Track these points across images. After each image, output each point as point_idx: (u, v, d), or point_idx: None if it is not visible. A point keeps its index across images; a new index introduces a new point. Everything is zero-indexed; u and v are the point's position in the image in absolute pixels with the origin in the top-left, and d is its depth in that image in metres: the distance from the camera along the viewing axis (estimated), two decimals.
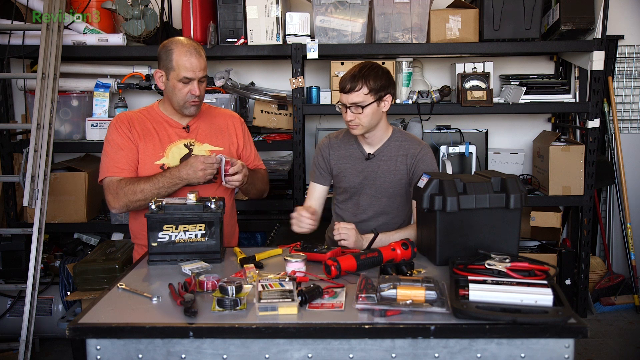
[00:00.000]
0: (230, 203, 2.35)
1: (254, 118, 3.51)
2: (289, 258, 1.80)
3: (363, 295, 1.54)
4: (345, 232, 2.06)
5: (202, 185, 2.18)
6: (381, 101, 2.16)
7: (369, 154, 2.28)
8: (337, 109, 2.22)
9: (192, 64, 2.12)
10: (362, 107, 2.13)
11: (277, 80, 3.78)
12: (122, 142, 2.19)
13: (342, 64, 3.41)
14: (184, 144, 2.25)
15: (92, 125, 3.41)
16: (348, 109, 2.15)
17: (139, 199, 2.11)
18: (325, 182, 2.37)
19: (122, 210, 2.15)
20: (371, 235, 2.04)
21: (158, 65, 2.20)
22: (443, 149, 3.49)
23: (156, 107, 2.30)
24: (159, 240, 1.94)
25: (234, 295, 1.54)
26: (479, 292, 1.50)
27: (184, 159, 2.22)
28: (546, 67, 3.90)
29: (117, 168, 2.17)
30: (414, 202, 2.21)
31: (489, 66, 3.48)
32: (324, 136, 2.44)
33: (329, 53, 3.33)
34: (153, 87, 3.51)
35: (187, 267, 1.85)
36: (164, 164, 2.20)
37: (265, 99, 3.56)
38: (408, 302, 1.51)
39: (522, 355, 1.45)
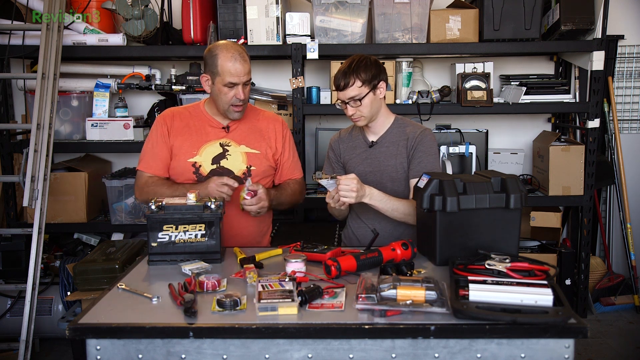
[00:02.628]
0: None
1: None
2: (289, 258, 1.80)
3: (363, 295, 1.54)
4: (346, 191, 2.06)
5: None
6: (376, 89, 2.22)
7: (372, 141, 2.34)
8: (338, 107, 2.29)
9: (237, 69, 2.15)
10: (360, 100, 2.19)
11: (277, 80, 3.78)
12: (157, 139, 2.29)
13: (342, 64, 3.39)
14: (220, 144, 2.28)
15: (92, 125, 3.41)
16: (347, 105, 2.22)
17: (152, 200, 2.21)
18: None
19: (143, 203, 2.32)
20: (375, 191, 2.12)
21: (204, 70, 2.24)
22: (443, 149, 3.49)
23: (202, 106, 2.34)
24: (159, 240, 1.94)
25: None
26: (479, 292, 1.50)
27: (216, 158, 2.26)
28: (546, 67, 3.90)
29: (148, 164, 2.29)
30: (411, 182, 2.24)
31: (489, 66, 3.48)
32: (335, 134, 2.50)
33: (329, 53, 3.33)
34: (153, 87, 3.51)
35: (187, 267, 1.85)
36: (196, 162, 2.25)
37: (265, 99, 3.56)
38: (408, 302, 1.51)
39: (522, 355, 1.45)
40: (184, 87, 3.43)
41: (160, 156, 2.28)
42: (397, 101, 3.49)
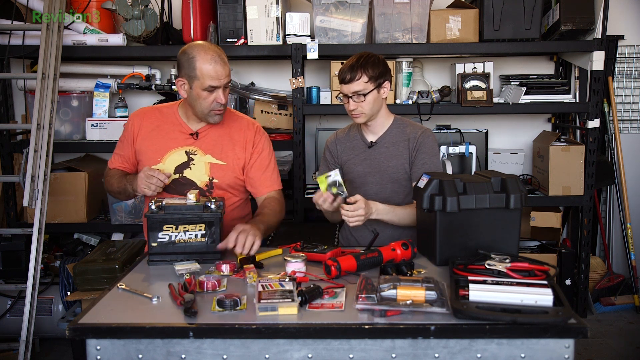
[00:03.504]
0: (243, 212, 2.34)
1: (254, 118, 3.51)
2: (289, 258, 1.80)
3: (363, 295, 1.54)
4: (354, 217, 2.05)
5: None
6: (380, 88, 2.22)
7: (371, 142, 2.33)
8: (339, 100, 2.27)
9: (218, 72, 2.04)
10: (364, 95, 2.18)
11: (277, 80, 3.78)
12: (123, 139, 2.29)
13: (342, 64, 3.37)
14: (185, 151, 2.20)
15: (92, 125, 3.41)
16: (350, 99, 2.21)
17: (110, 190, 2.32)
18: None
19: (108, 193, 2.42)
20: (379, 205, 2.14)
21: (178, 73, 2.12)
22: (443, 149, 3.49)
23: (175, 108, 2.25)
24: (159, 240, 1.94)
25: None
26: (479, 292, 1.50)
27: (180, 167, 2.18)
28: (546, 67, 3.90)
29: (112, 159, 2.33)
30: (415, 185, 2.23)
31: (489, 66, 3.48)
32: (331, 134, 2.48)
33: (329, 53, 3.33)
34: (153, 87, 3.51)
35: (177, 267, 1.85)
36: (158, 170, 2.15)
37: (265, 99, 3.56)
38: (408, 302, 1.51)
39: (522, 355, 1.45)
40: None
41: (124, 154, 2.28)
42: (397, 101, 3.49)
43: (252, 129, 2.27)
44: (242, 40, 3.31)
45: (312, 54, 3.27)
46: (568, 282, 3.59)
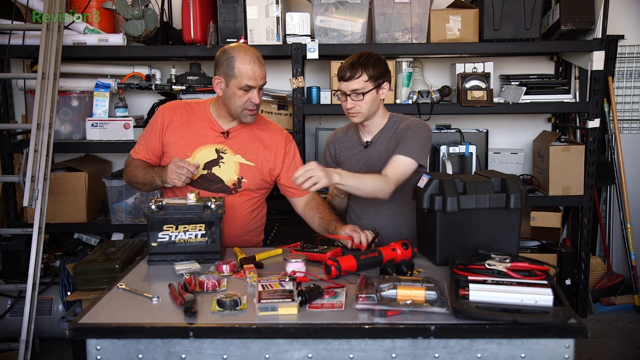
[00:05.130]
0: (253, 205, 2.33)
1: None
2: (289, 258, 1.80)
3: (363, 295, 1.54)
4: (312, 176, 1.96)
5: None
6: (380, 88, 2.21)
7: (367, 142, 2.32)
8: (337, 97, 2.26)
9: (255, 72, 2.11)
10: (363, 94, 2.17)
11: (277, 80, 3.78)
12: (152, 130, 2.28)
13: (342, 63, 3.40)
14: (216, 149, 2.24)
15: (92, 125, 3.41)
16: (348, 97, 2.19)
17: (133, 181, 2.28)
18: None
19: (127, 184, 2.35)
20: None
21: (215, 72, 2.17)
22: (443, 149, 3.49)
23: (207, 105, 2.29)
24: (159, 240, 1.94)
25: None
26: (479, 292, 1.50)
27: (209, 164, 2.22)
28: (546, 67, 3.90)
29: (136, 149, 2.32)
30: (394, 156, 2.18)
31: (489, 66, 3.48)
32: (331, 133, 2.47)
33: (329, 53, 3.33)
34: (153, 87, 3.51)
35: (177, 267, 1.86)
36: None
37: (265, 99, 3.56)
38: (408, 302, 1.51)
39: (522, 355, 1.45)
40: (184, 87, 3.43)
41: (149, 145, 2.27)
42: (397, 101, 3.49)
43: (282, 135, 2.34)
44: (242, 40, 3.30)
45: (312, 54, 3.27)
46: (568, 282, 3.59)
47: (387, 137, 2.30)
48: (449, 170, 3.37)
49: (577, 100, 3.71)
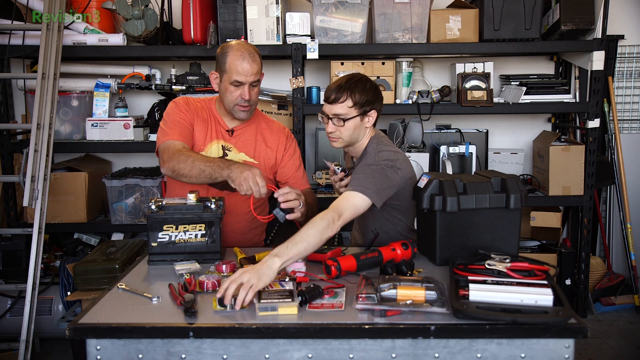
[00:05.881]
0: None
1: None
2: None
3: (363, 295, 1.54)
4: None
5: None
6: (365, 116, 2.06)
7: (349, 168, 2.24)
8: (319, 119, 2.15)
9: (244, 69, 2.12)
10: (344, 120, 2.03)
11: (277, 80, 3.78)
12: (180, 117, 2.19)
13: (342, 64, 3.41)
14: (222, 146, 2.26)
15: (92, 125, 3.41)
16: (330, 120, 2.06)
17: (183, 167, 2.03)
18: None
19: (167, 172, 2.08)
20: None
21: (215, 67, 2.23)
22: (443, 149, 3.49)
23: (213, 103, 2.32)
24: (159, 240, 1.94)
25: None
26: (479, 292, 1.50)
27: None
28: (546, 67, 3.90)
29: (172, 133, 2.15)
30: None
31: (489, 66, 3.48)
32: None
33: (329, 53, 3.33)
34: (153, 87, 3.51)
35: (177, 267, 1.86)
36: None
37: (265, 99, 3.56)
38: (408, 302, 1.51)
39: (522, 355, 1.45)
40: (184, 87, 3.43)
41: (184, 126, 2.17)
42: (397, 101, 3.49)
43: (284, 133, 2.36)
44: (242, 40, 3.30)
45: (312, 53, 3.27)
46: (568, 282, 3.59)
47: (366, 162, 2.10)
48: (449, 170, 3.38)
49: (577, 100, 3.71)
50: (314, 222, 1.78)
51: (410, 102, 3.45)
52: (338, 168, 2.11)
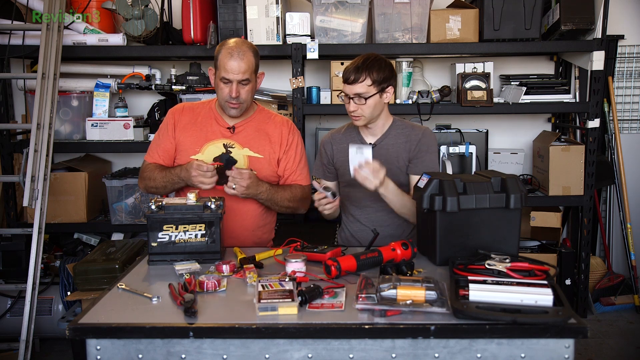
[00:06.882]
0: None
1: None
2: (289, 258, 1.80)
3: (363, 295, 1.54)
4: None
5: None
6: (383, 93, 2.19)
7: (371, 144, 2.29)
8: (340, 99, 2.25)
9: (232, 66, 2.14)
10: (365, 99, 2.15)
11: (277, 80, 3.78)
12: (164, 131, 2.32)
13: (342, 64, 3.41)
14: (223, 144, 2.27)
15: (92, 125, 3.41)
16: (351, 100, 2.18)
17: (151, 185, 2.28)
18: (331, 179, 2.40)
19: (144, 191, 2.36)
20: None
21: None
22: (443, 149, 3.49)
23: (213, 103, 2.35)
24: (159, 240, 1.94)
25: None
26: (479, 292, 1.50)
27: (217, 159, 2.25)
28: (546, 67, 3.90)
29: (150, 153, 2.34)
30: (412, 178, 2.26)
31: (489, 66, 3.48)
32: (325, 134, 2.45)
33: (329, 53, 3.33)
34: (153, 87, 3.51)
35: (177, 267, 1.86)
36: (197, 160, 2.21)
37: (265, 98, 3.56)
38: (408, 302, 1.51)
39: (522, 355, 1.45)
40: (184, 87, 3.44)
41: (163, 147, 2.31)
42: (397, 101, 3.49)
43: (287, 126, 2.36)
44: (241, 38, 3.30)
45: (312, 53, 3.27)
46: (568, 282, 3.59)
47: (393, 142, 2.28)
48: (449, 170, 3.37)
49: (577, 100, 3.71)
50: (411, 199, 2.14)
51: (410, 102, 3.45)
52: (329, 193, 2.08)
